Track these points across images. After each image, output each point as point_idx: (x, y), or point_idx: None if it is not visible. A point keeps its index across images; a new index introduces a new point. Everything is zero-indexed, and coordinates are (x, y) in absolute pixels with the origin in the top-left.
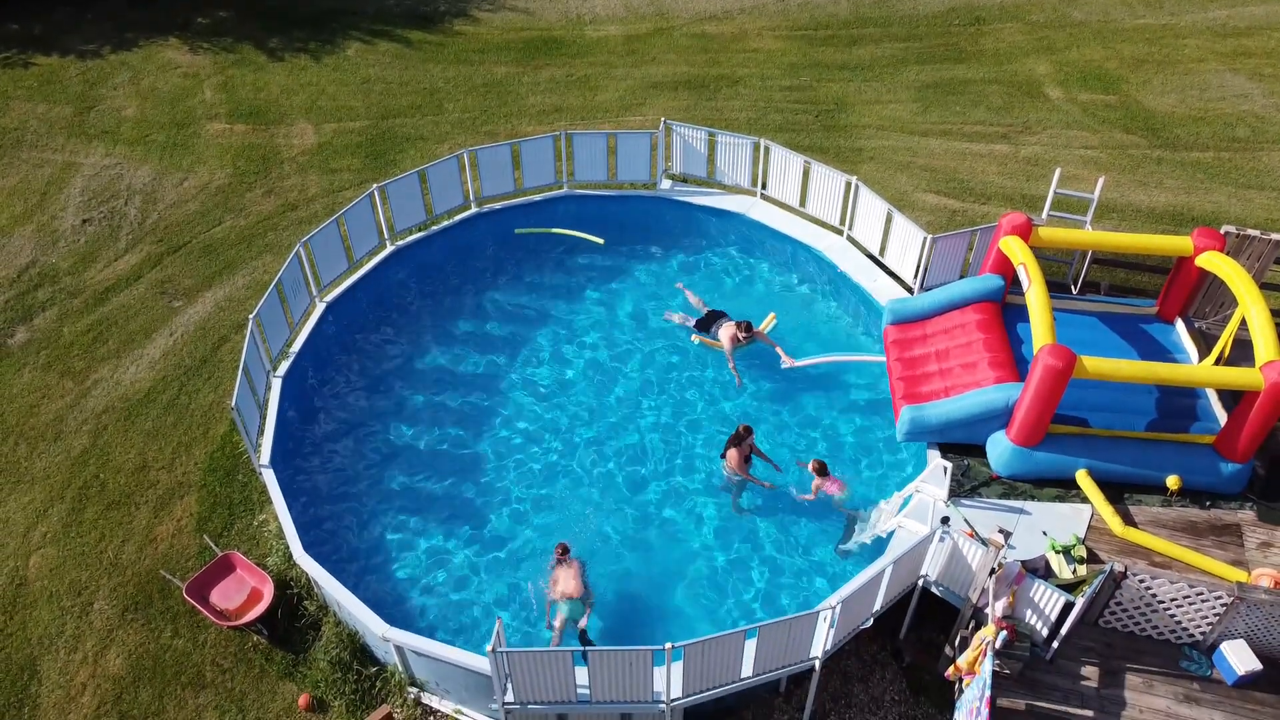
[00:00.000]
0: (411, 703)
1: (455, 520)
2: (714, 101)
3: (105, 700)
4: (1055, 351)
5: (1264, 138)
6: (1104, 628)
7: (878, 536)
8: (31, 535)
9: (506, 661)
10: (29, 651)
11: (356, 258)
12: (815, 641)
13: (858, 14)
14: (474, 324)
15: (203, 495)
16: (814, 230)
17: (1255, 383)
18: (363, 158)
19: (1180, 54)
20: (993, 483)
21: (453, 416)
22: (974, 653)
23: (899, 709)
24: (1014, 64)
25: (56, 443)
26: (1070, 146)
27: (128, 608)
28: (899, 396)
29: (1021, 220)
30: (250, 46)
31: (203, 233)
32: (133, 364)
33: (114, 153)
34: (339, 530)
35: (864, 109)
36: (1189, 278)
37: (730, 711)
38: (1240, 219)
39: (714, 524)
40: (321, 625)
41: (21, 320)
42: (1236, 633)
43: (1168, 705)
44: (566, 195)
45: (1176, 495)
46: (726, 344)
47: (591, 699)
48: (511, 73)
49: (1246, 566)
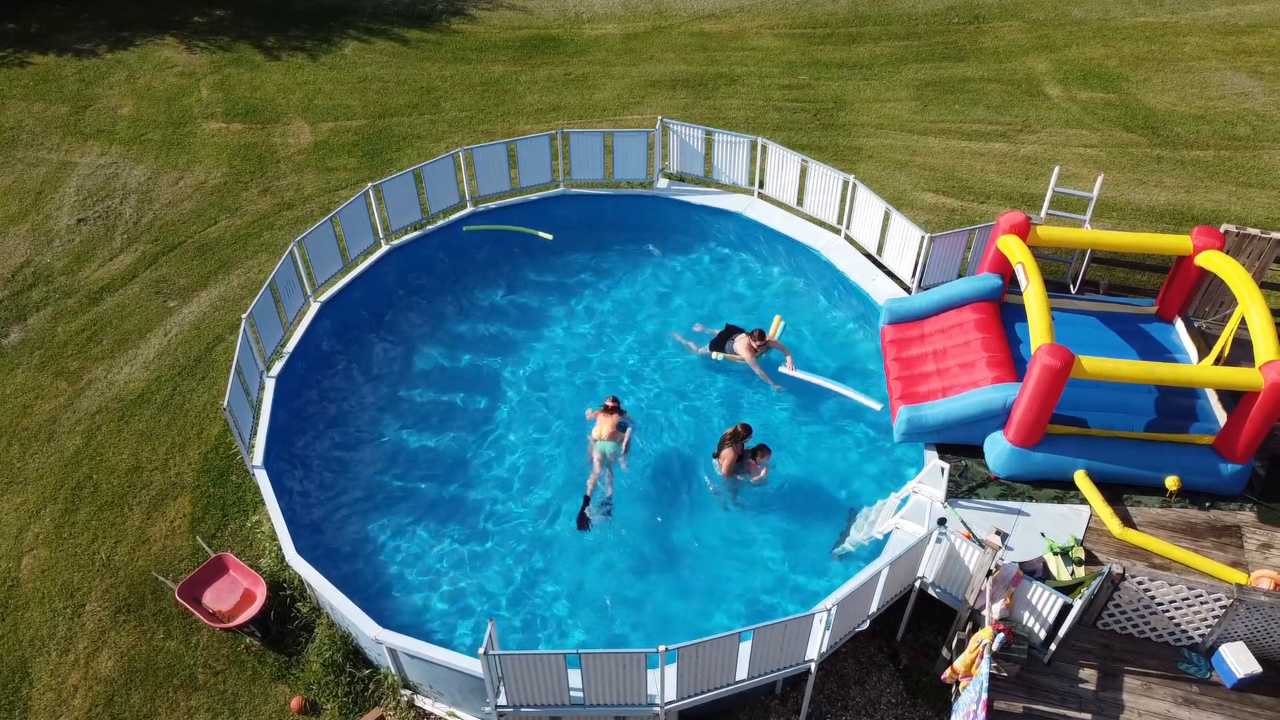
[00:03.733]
0: (404, 705)
1: (449, 522)
2: (712, 100)
3: (97, 702)
4: (1053, 351)
5: (1264, 136)
6: (1102, 630)
7: (874, 538)
8: (24, 536)
9: (499, 664)
10: (20, 653)
11: (351, 257)
12: (811, 643)
13: (856, 12)
14: (469, 324)
15: (196, 496)
16: (811, 229)
17: (1255, 382)
18: (359, 157)
19: (1180, 52)
20: (990, 483)
21: (448, 417)
22: (971, 654)
23: (896, 711)
24: (1013, 62)
25: (50, 443)
26: (1069, 145)
27: (120, 609)
28: (896, 397)
29: (1020, 219)
30: (247, 45)
31: (198, 232)
32: (127, 364)
33: (110, 152)
34: (332, 532)
35: (862, 107)
36: (1188, 277)
37: (725, 714)
38: (1240, 218)
39: (709, 525)
40: (314, 627)
41: (15, 320)
42: (1236, 635)
43: (1166, 708)
44: (563, 194)
45: (1176, 496)
46: (747, 356)
47: (585, 702)
48: (509, 71)
49: (1246, 568)
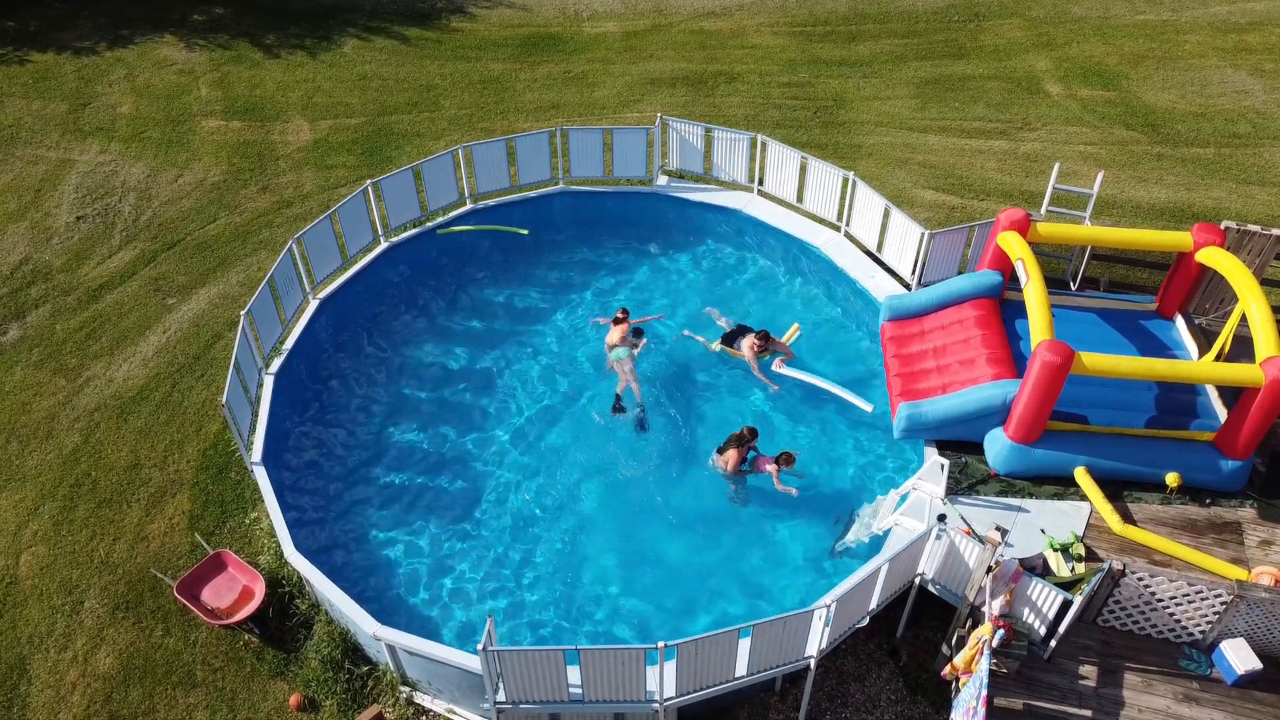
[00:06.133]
0: (403, 702)
1: (448, 519)
2: (711, 98)
3: (95, 699)
4: (1054, 347)
5: (1264, 133)
6: (1102, 626)
7: (874, 534)
8: (22, 533)
9: (498, 660)
10: (19, 650)
11: (350, 254)
12: (810, 640)
13: (856, 10)
14: (468, 321)
15: (195, 493)
16: (811, 226)
17: (1255, 379)
18: (359, 154)
19: (1181, 50)
20: (990, 480)
21: (447, 414)
22: (971, 651)
23: (895, 708)
24: (1013, 60)
25: (48, 440)
26: (1070, 142)
27: (118, 606)
28: (896, 393)
29: (1020, 216)
30: (246, 43)
31: (197, 230)
32: (125, 361)
33: (109, 149)
34: (331, 528)
35: (862, 105)
36: (1189, 273)
37: (724, 711)
38: (1241, 215)
39: (709, 521)
40: (313, 624)
41: (14, 317)
42: (1236, 631)
43: (1167, 704)
44: (562, 191)
45: (1176, 493)
46: (749, 354)
47: (584, 698)
48: (508, 69)
49: (1246, 564)
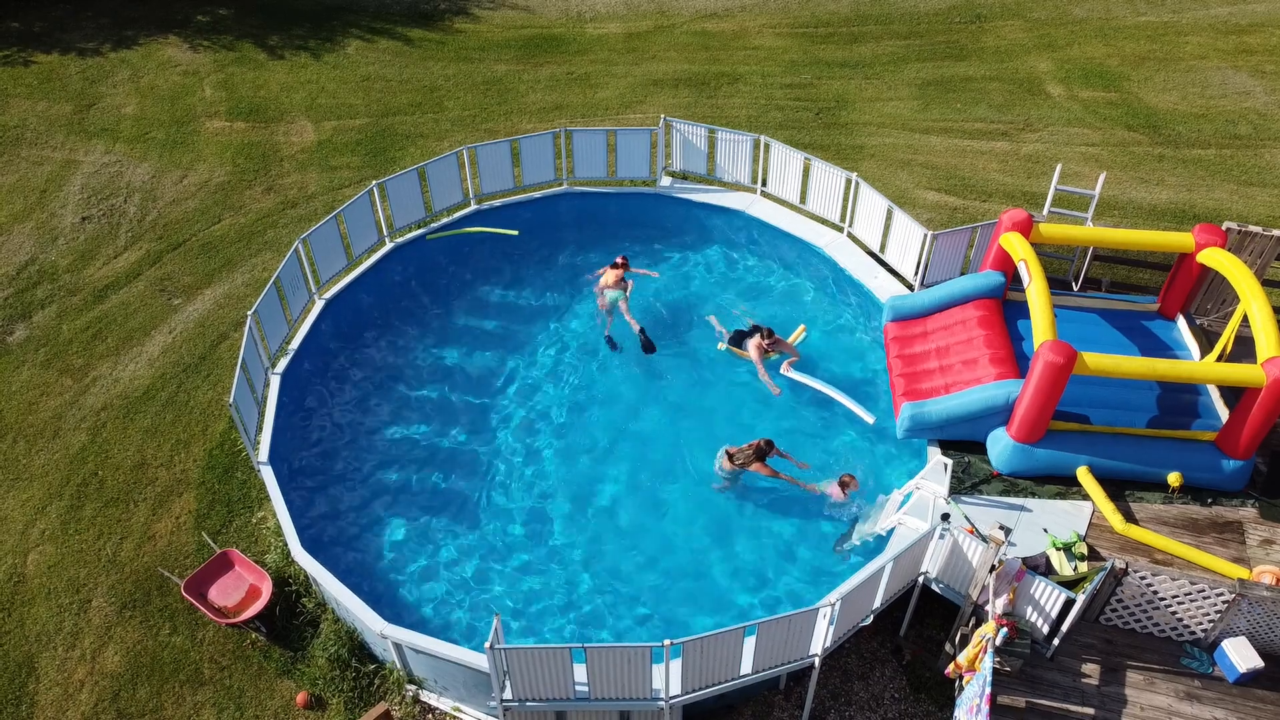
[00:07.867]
0: (410, 700)
1: (454, 517)
2: (714, 99)
3: (103, 698)
4: (1056, 348)
5: (1266, 135)
6: (1105, 625)
7: (878, 533)
8: (30, 532)
9: (505, 658)
10: (27, 649)
11: (356, 255)
12: (815, 639)
13: (858, 11)
14: (473, 321)
15: (201, 492)
16: (814, 227)
17: (1257, 379)
18: (363, 155)
19: (1182, 51)
20: (993, 479)
21: (453, 413)
22: (974, 650)
23: (899, 706)
24: (1015, 61)
25: (55, 440)
26: (1071, 144)
27: (126, 605)
28: (899, 393)
29: (1022, 217)
30: (250, 44)
31: (202, 230)
32: (131, 361)
33: (114, 150)
34: (337, 527)
35: (865, 106)
36: (1190, 274)
37: (730, 709)
38: (1242, 216)
39: (715, 522)
40: (320, 622)
41: (20, 318)
42: (1238, 630)
43: (1169, 703)
44: (566, 192)
45: (1178, 492)
46: (754, 355)
47: (590, 696)
48: (512, 70)
49: (1248, 563)
